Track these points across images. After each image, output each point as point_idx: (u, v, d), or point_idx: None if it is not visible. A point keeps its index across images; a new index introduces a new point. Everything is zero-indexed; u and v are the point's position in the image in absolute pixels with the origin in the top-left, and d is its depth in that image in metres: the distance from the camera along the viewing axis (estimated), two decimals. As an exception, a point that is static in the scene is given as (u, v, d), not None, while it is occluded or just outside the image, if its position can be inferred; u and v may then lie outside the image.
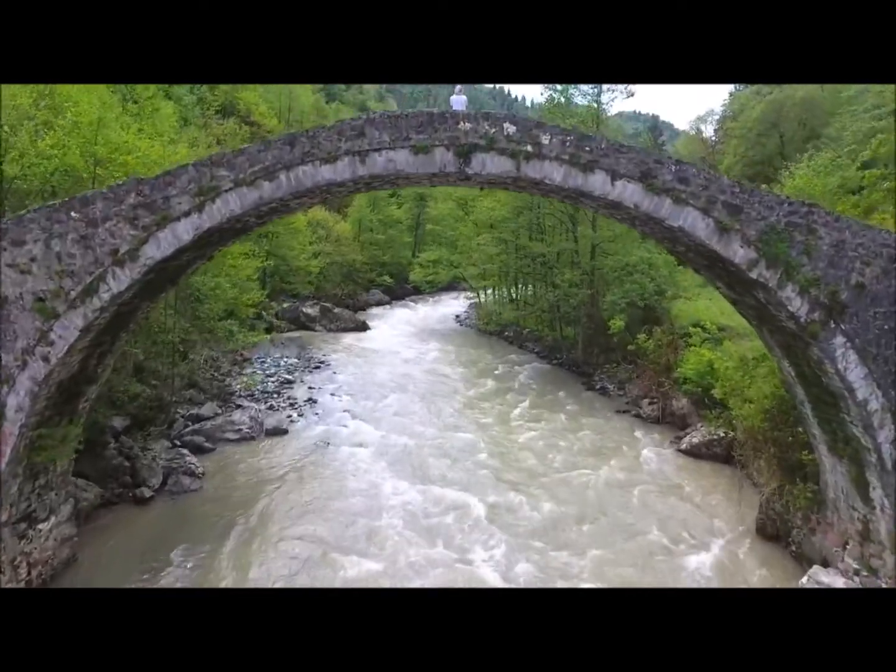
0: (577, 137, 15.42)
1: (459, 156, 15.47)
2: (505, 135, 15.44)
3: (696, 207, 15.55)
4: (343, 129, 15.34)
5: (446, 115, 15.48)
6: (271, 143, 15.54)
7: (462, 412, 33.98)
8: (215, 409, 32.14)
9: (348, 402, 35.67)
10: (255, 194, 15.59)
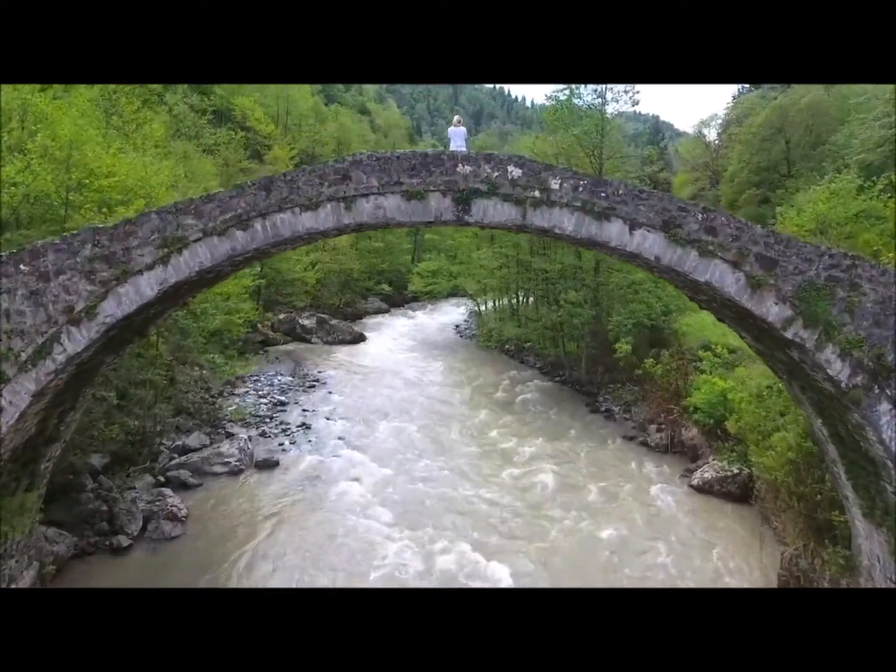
0: (591, 182, 13.33)
1: (458, 202, 13.39)
2: (509, 179, 13.36)
3: (725, 260, 13.50)
4: (325, 173, 13.23)
5: (442, 156, 13.36)
6: (244, 188, 13.43)
7: (460, 440, 31.96)
8: (203, 439, 30.09)
9: (342, 427, 33.65)
10: (228, 245, 13.50)
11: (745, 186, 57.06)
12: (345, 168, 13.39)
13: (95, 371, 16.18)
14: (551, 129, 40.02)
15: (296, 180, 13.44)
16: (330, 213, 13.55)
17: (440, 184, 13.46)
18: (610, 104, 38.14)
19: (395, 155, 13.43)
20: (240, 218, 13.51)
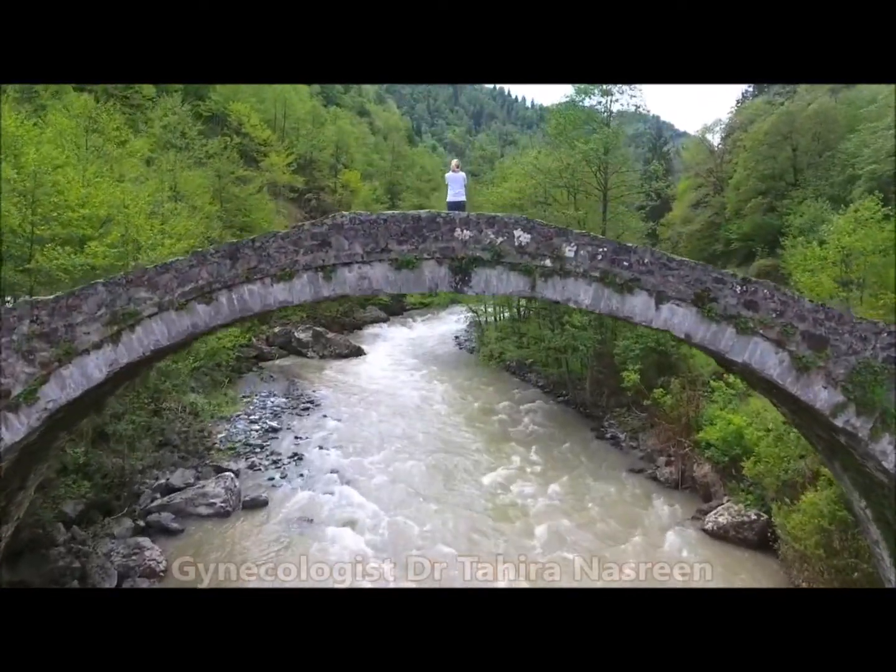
0: (611, 249, 11.14)
1: (456, 272, 11.23)
2: (516, 245, 11.18)
3: (767, 339, 11.27)
4: (301, 239, 11.03)
5: (437, 219, 11.14)
6: (206, 256, 11.22)
7: (459, 474, 29.79)
8: (187, 476, 27.84)
9: (336, 458, 31.45)
10: (188, 321, 11.32)
11: (751, 195, 54.71)
12: (323, 233, 11.18)
13: (47, 449, 14.03)
14: (555, 143, 37.73)
15: (266, 247, 11.22)
16: (306, 284, 11.37)
17: (435, 251, 11.27)
18: (614, 104, 35.97)
19: (382, 218, 11.22)
20: (201, 290, 11.31)
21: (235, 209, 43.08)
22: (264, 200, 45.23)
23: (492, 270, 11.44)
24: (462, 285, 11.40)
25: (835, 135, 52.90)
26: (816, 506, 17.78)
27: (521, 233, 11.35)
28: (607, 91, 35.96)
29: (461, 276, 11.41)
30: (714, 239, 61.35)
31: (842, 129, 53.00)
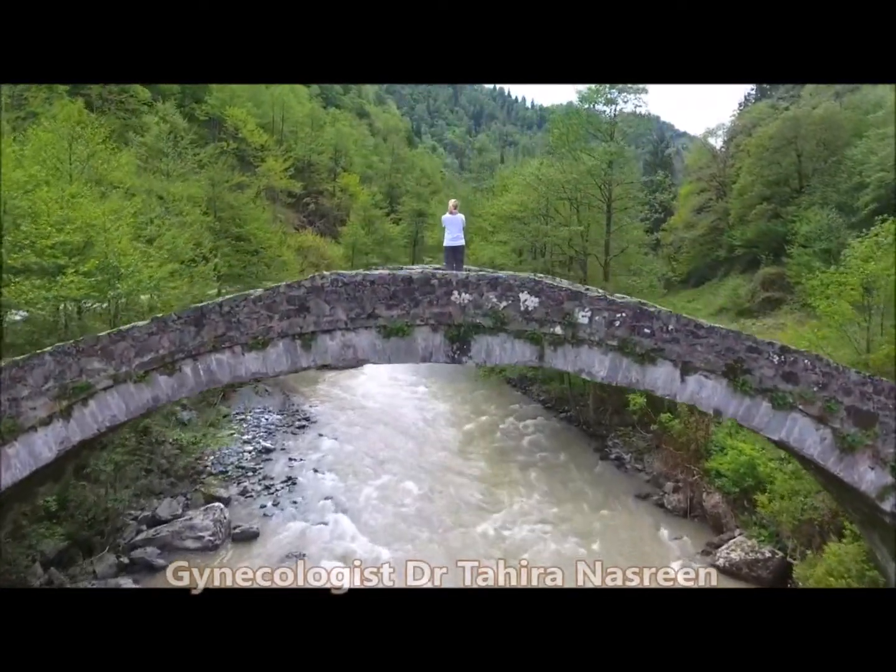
0: (631, 315, 9.56)
1: (453, 340, 9.65)
2: (522, 310, 9.63)
3: (807, 414, 9.63)
4: (275, 303, 9.45)
5: (432, 280, 9.54)
6: (167, 322, 9.63)
7: (459, 496, 28.24)
8: (175, 507, 26.19)
9: (331, 482, 29.88)
10: (148, 394, 9.75)
11: (756, 200, 53.05)
12: (301, 296, 9.60)
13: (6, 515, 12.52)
14: (557, 153, 36.07)
15: (235, 312, 9.64)
16: (282, 353, 9.81)
17: (429, 317, 9.70)
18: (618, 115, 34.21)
19: (369, 279, 9.62)
20: (163, 360, 9.73)
21: (230, 218, 41.38)
22: (260, 209, 43.48)
23: (494, 338, 9.89)
24: (460, 355, 9.84)
25: (841, 141, 51.29)
26: (843, 562, 16.20)
27: (527, 296, 9.78)
28: (611, 100, 34.29)
29: (459, 345, 9.85)
30: (717, 244, 59.69)
31: (848, 134, 51.40)
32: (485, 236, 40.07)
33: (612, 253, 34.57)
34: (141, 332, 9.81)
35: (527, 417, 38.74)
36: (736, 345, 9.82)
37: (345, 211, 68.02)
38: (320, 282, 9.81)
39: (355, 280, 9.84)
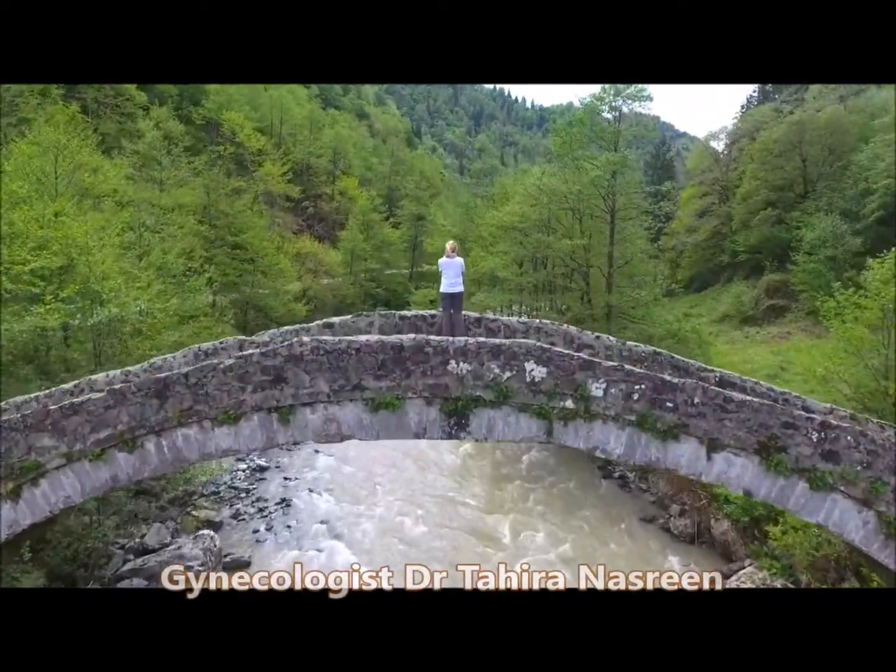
0: (652, 387, 8.32)
1: (450, 414, 8.40)
2: (528, 381, 8.38)
3: (849, 496, 8.37)
4: (247, 374, 8.21)
5: (426, 349, 8.30)
6: (126, 394, 8.37)
7: (457, 519, 27.00)
8: (163, 534, 24.93)
9: (327, 504, 28.59)
10: (105, 473, 8.53)
11: (760, 206, 51.81)
12: (277, 366, 8.34)
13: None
14: (561, 162, 34.75)
15: (203, 384, 8.38)
16: (257, 428, 8.57)
17: (422, 388, 8.46)
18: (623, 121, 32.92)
19: (354, 346, 8.36)
20: (122, 436, 8.50)
21: (226, 226, 40.10)
22: (256, 217, 42.16)
23: (496, 412, 8.64)
24: (458, 430, 8.61)
25: (847, 146, 50.07)
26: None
27: (534, 366, 8.52)
28: (615, 108, 32.96)
29: (457, 420, 8.62)
30: (720, 249, 58.48)
31: (853, 139, 50.16)
32: (485, 246, 38.78)
33: (615, 264, 33.26)
34: (96, 405, 8.55)
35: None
36: (770, 419, 8.58)
37: (344, 214, 66.61)
38: (299, 349, 8.55)
39: (339, 348, 8.58)
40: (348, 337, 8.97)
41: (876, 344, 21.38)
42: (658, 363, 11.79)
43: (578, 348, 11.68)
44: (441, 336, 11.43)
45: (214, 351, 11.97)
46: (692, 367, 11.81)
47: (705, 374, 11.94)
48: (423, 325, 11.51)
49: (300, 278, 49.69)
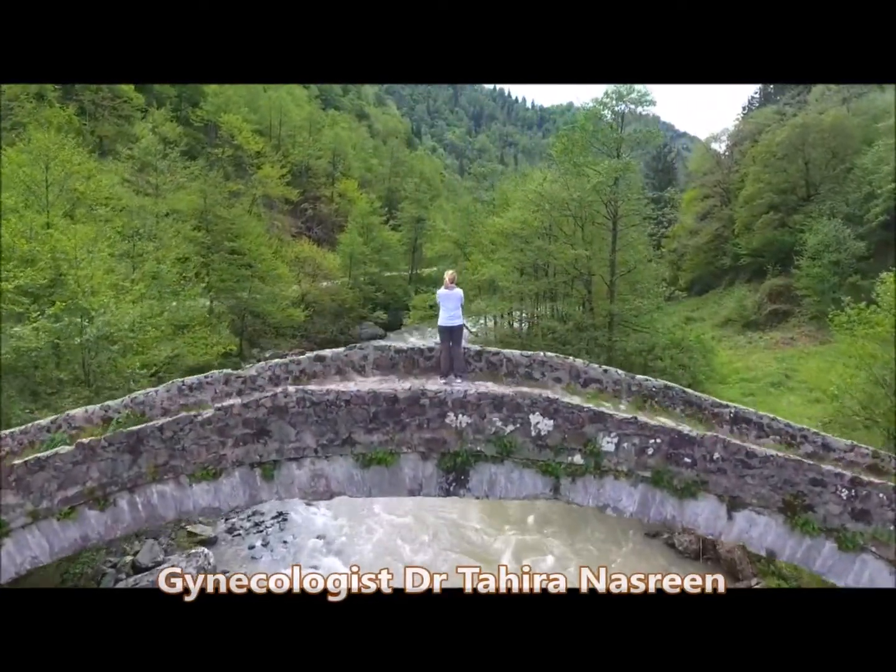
0: (668, 441, 7.52)
1: (448, 470, 7.62)
2: (533, 436, 7.58)
3: (880, 557, 7.63)
4: (227, 427, 7.46)
5: (422, 400, 7.55)
6: (95, 449, 7.58)
7: (459, 537, 26.22)
8: (156, 552, 24.15)
9: (324, 518, 27.80)
10: (75, 532, 7.83)
11: (762, 209, 51.00)
12: (260, 419, 7.56)
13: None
14: (562, 168, 33.89)
15: (179, 438, 7.64)
16: (238, 484, 7.83)
17: (418, 443, 7.70)
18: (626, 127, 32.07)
19: (344, 398, 7.61)
20: (92, 493, 7.74)
21: (223, 231, 39.31)
22: (254, 222, 41.36)
23: (498, 468, 7.89)
24: (457, 487, 7.86)
25: (850, 149, 49.27)
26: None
27: (539, 418, 7.77)
28: (618, 113, 32.12)
29: (455, 476, 7.86)
30: (721, 252, 57.67)
31: (857, 142, 49.36)
32: (486, 253, 37.95)
33: (617, 272, 32.48)
34: (64, 460, 7.80)
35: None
36: (796, 476, 7.83)
37: (343, 216, 65.76)
38: (283, 401, 7.79)
39: (326, 399, 7.81)
40: (337, 387, 8.20)
41: (888, 360, 20.62)
42: (669, 398, 11.03)
43: (585, 383, 10.93)
44: (439, 371, 10.68)
45: (199, 385, 11.21)
46: (705, 402, 11.06)
47: (719, 410, 11.19)
48: (419, 358, 10.74)
49: (299, 283, 48.91)
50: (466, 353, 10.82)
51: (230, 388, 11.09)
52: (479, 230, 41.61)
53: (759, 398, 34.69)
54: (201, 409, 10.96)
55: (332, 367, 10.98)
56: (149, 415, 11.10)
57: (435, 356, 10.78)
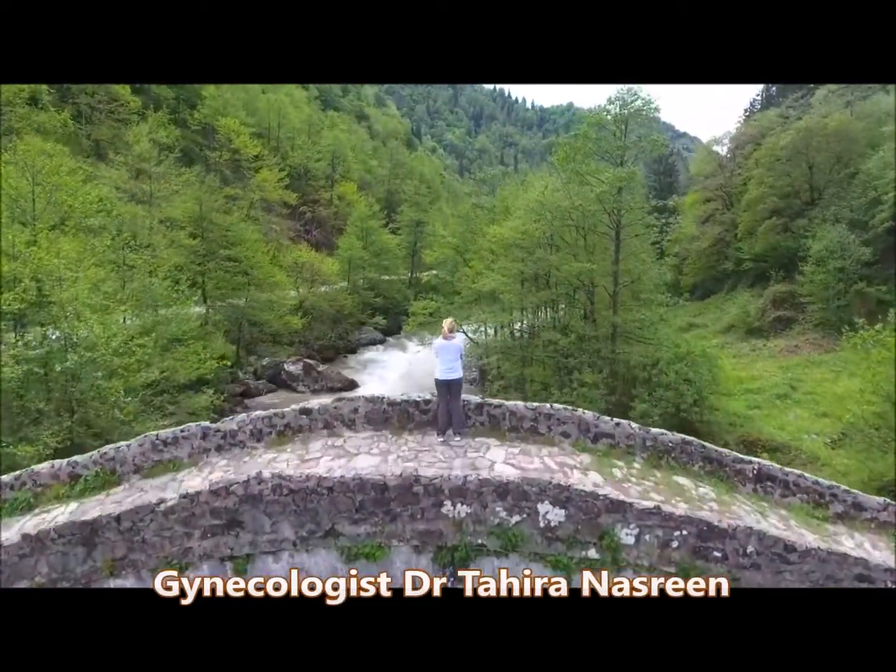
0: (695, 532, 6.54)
1: (445, 565, 6.61)
2: (542, 527, 6.58)
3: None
4: (193, 517, 6.50)
5: (415, 488, 6.53)
6: (44, 541, 6.57)
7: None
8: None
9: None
10: (24, 630, 6.61)
11: (766, 214, 49.94)
12: (231, 508, 6.54)
13: None
14: (564, 177, 32.80)
15: (138, 529, 6.64)
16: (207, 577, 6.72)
17: (410, 535, 6.69)
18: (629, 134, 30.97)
19: (326, 485, 6.59)
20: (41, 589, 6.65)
21: (218, 239, 38.26)
22: (250, 230, 40.30)
23: (502, 561, 6.86)
24: (456, 582, 6.84)
25: (855, 153, 48.21)
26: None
27: (549, 508, 6.75)
28: (621, 119, 31.02)
29: (453, 571, 6.83)
30: (724, 257, 56.62)
31: (861, 146, 48.30)
32: (486, 263, 36.90)
33: (620, 282, 31.48)
34: (9, 552, 6.78)
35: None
36: (840, 571, 6.82)
37: (342, 219, 64.67)
38: (257, 488, 6.77)
39: (306, 486, 6.78)
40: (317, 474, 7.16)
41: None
42: (687, 454, 10.06)
43: (595, 438, 9.93)
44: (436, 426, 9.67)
45: (174, 440, 10.23)
46: (726, 458, 10.09)
47: (741, 467, 10.20)
48: (415, 412, 9.75)
49: (297, 289, 47.91)
50: (466, 406, 9.82)
51: (208, 443, 10.09)
52: (479, 238, 40.58)
53: (765, 411, 33.66)
54: (177, 467, 9.95)
55: (320, 420, 9.99)
56: (119, 472, 10.09)
57: (432, 409, 9.79)
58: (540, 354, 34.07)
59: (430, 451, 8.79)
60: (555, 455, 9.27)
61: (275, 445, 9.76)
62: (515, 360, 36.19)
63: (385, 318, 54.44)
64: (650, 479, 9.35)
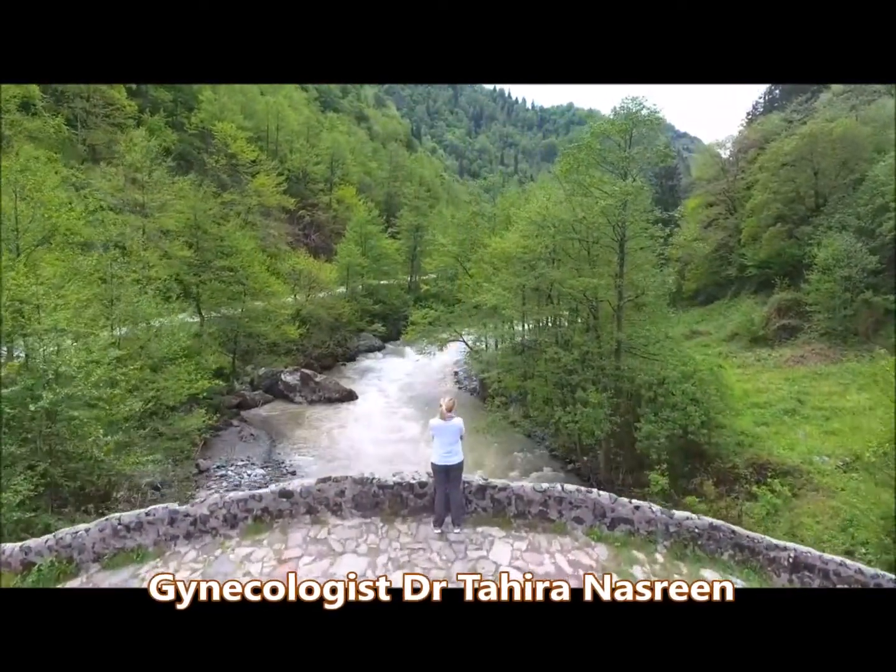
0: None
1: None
2: None
3: None
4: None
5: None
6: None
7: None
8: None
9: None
10: None
11: (770, 221, 48.80)
12: None
13: None
14: (567, 189, 31.69)
15: None
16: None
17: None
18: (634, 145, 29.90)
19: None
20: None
21: (213, 248, 37.16)
22: (246, 239, 39.18)
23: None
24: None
25: (860, 159, 47.06)
26: None
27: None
28: (625, 129, 29.88)
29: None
30: (727, 262, 55.55)
31: (867, 151, 47.16)
32: (486, 276, 35.81)
33: (625, 296, 30.42)
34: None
35: (532, 468, 34.75)
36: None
37: (341, 223, 63.57)
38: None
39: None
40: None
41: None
42: (715, 541, 8.90)
43: (612, 524, 8.77)
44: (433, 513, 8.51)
45: (138, 525, 9.12)
46: (759, 544, 8.94)
47: (775, 555, 9.04)
48: (409, 495, 8.59)
49: (294, 296, 46.77)
50: (467, 490, 8.66)
51: (176, 529, 8.95)
52: (479, 248, 39.49)
53: (774, 428, 32.61)
54: (141, 557, 8.82)
55: (302, 505, 8.82)
56: (77, 560, 8.95)
57: (428, 493, 8.62)
58: (542, 370, 32.98)
59: (425, 550, 7.65)
60: (567, 549, 8.13)
61: (251, 534, 8.62)
62: (516, 373, 35.10)
63: (384, 325, 53.39)
64: (675, 575, 8.21)
